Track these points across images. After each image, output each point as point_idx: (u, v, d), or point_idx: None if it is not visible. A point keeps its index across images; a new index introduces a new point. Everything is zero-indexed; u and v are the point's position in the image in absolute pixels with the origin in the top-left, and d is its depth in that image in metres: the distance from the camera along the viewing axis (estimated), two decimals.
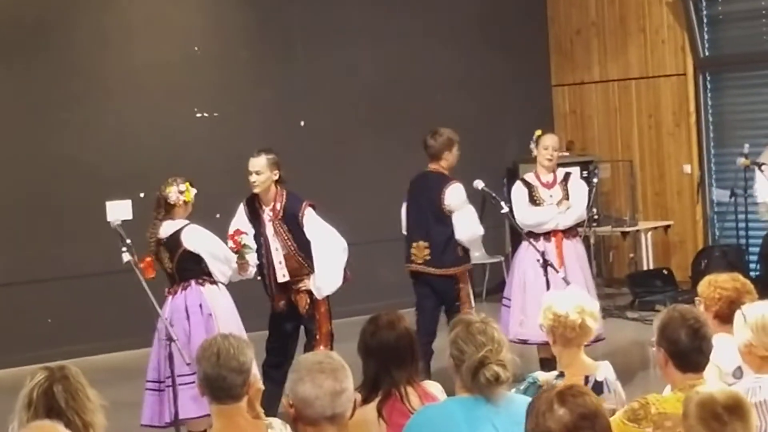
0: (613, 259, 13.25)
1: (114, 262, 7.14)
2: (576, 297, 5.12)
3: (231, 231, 7.85)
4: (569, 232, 8.78)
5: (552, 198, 8.75)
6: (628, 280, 12.26)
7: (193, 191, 7.60)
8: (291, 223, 7.89)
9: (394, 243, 12.30)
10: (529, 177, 8.94)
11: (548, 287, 7.40)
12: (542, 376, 5.00)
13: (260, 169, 7.80)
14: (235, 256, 7.60)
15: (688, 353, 4.38)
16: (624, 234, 12.42)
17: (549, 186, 8.81)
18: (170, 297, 7.36)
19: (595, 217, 11.98)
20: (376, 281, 12.08)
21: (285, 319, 8.08)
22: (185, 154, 11.45)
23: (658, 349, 4.44)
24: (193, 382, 6.69)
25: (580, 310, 4.99)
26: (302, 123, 12.16)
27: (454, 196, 8.58)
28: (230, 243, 7.70)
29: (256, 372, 4.40)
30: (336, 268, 7.94)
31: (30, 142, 10.78)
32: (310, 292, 7.93)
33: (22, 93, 10.82)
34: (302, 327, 8.10)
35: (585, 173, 13.01)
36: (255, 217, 8.03)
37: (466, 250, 8.71)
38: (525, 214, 8.68)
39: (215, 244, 7.51)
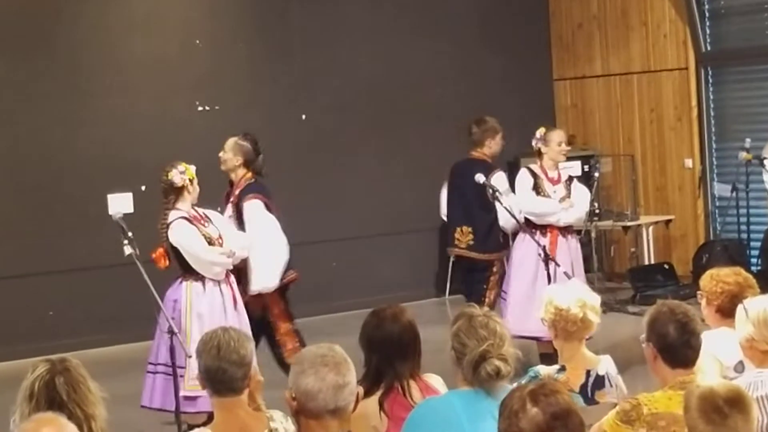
0: (614, 254, 13.24)
1: (115, 254, 7.14)
2: (577, 291, 5.12)
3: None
4: (566, 228, 8.80)
5: (556, 194, 8.75)
6: (629, 275, 12.25)
7: (193, 168, 7.64)
8: (239, 211, 7.83)
9: (396, 236, 12.36)
10: (535, 168, 8.93)
11: (549, 281, 7.40)
12: (544, 370, 5.01)
13: (226, 149, 8.00)
14: (220, 258, 7.45)
15: (677, 348, 4.37)
16: (625, 228, 12.41)
17: (554, 182, 8.81)
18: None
19: (597, 211, 11.98)
20: (376, 275, 12.09)
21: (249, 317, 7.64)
22: (186, 147, 11.41)
23: (648, 344, 4.43)
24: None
25: (582, 303, 4.98)
26: (303, 117, 12.15)
27: (498, 184, 8.65)
28: None
29: (256, 365, 4.40)
30: (270, 265, 7.65)
31: (31, 135, 10.77)
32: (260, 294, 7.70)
33: (22, 85, 10.81)
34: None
35: (586, 167, 13.00)
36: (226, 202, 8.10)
37: (506, 236, 8.77)
38: (533, 202, 8.68)
39: (195, 245, 7.37)
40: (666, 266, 12.29)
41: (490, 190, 8.35)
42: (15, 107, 10.74)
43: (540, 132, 8.87)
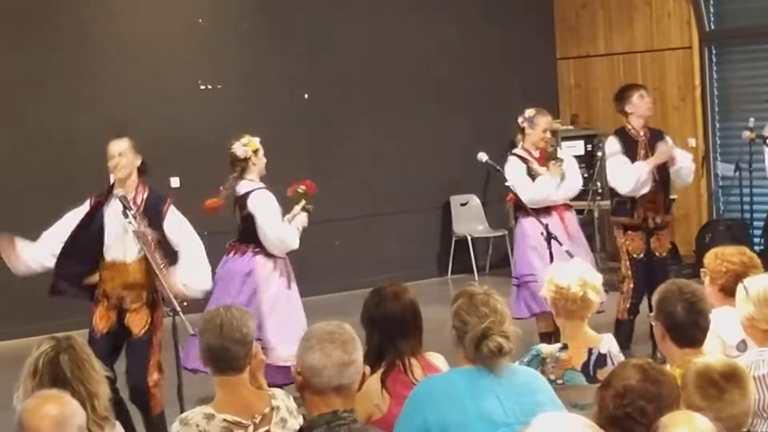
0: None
1: None
2: (579, 269, 5.11)
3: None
4: (566, 205, 8.84)
5: (544, 175, 8.72)
6: None
7: (256, 140, 7.76)
8: (153, 217, 7.02)
9: (398, 215, 12.36)
10: (522, 152, 8.83)
11: (551, 260, 7.39)
12: (546, 349, 5.01)
13: (123, 151, 7.04)
14: (289, 236, 7.59)
15: (684, 327, 4.37)
16: None
17: (540, 162, 8.75)
18: (232, 253, 7.76)
19: (599, 191, 11.96)
20: (379, 254, 12.10)
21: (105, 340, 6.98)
22: (189, 125, 11.45)
23: (656, 323, 4.45)
24: None
25: (582, 282, 4.98)
26: (306, 96, 12.13)
27: (604, 147, 8.95)
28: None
29: (257, 343, 4.41)
30: (206, 266, 7.27)
31: (33, 112, 10.76)
32: (152, 308, 7.00)
33: (25, 63, 10.80)
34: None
35: (589, 147, 13.00)
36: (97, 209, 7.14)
37: (620, 203, 8.86)
38: (532, 191, 8.60)
39: (275, 217, 7.63)
40: (669, 245, 12.27)
41: (494, 170, 8.36)
42: (18, 85, 10.73)
43: (529, 112, 8.80)
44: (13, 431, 3.29)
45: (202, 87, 11.68)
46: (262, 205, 7.69)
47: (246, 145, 7.71)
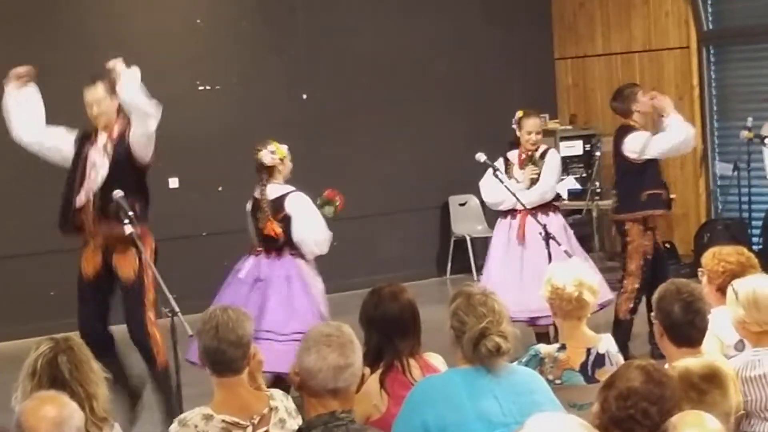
0: (615, 233, 13.23)
1: None
2: (576, 270, 5.12)
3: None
4: (542, 208, 8.57)
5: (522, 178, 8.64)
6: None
7: (284, 147, 7.73)
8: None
9: (397, 215, 12.36)
10: (512, 155, 8.80)
11: (550, 260, 7.40)
12: (544, 349, 5.02)
13: (99, 99, 7.33)
14: (326, 240, 7.68)
15: (681, 326, 4.40)
16: None
17: (521, 165, 8.71)
18: (258, 256, 7.73)
19: (598, 190, 11.97)
20: (378, 254, 12.10)
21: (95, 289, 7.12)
22: (187, 126, 11.44)
23: (655, 321, 4.47)
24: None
25: (578, 283, 4.99)
26: (304, 96, 12.13)
27: (635, 142, 8.68)
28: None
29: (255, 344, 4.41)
30: None
31: None
32: (137, 248, 6.89)
33: (23, 61, 10.71)
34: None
35: (588, 147, 13.01)
36: (82, 145, 7.40)
37: (653, 197, 8.77)
38: (489, 192, 8.64)
39: (316, 217, 7.66)
40: (667, 245, 12.29)
41: (491, 169, 8.37)
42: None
43: (518, 114, 8.76)
44: None
45: (201, 87, 11.67)
46: (302, 207, 7.66)
47: (273, 153, 7.67)
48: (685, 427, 3.00)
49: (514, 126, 8.79)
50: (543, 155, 8.71)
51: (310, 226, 7.65)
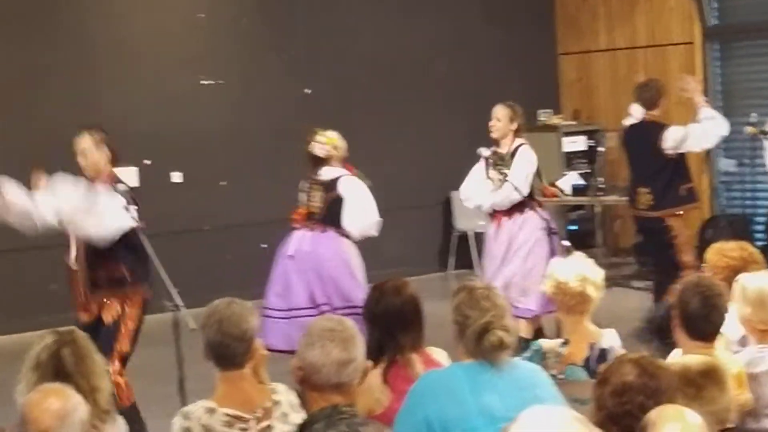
0: (618, 229, 13.24)
1: None
2: (579, 265, 5.12)
3: None
4: (518, 207, 8.33)
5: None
6: (634, 250, 12.25)
7: (333, 134, 7.86)
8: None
9: (399, 211, 12.34)
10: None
11: (552, 255, 7.39)
12: (547, 344, 5.02)
13: (85, 149, 7.08)
14: (376, 223, 7.86)
15: (695, 319, 4.43)
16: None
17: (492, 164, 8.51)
18: (304, 231, 7.80)
19: (601, 186, 11.96)
20: (380, 250, 12.09)
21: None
22: (190, 121, 11.46)
23: (674, 312, 4.50)
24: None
25: (582, 278, 4.99)
26: (307, 91, 12.13)
27: (674, 136, 8.74)
28: None
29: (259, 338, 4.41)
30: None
31: (32, 110, 10.76)
32: (123, 299, 6.98)
33: (25, 58, 10.80)
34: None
35: (591, 142, 13.00)
36: None
37: (690, 190, 8.83)
38: (462, 191, 8.62)
39: (366, 199, 7.78)
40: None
41: (495, 165, 8.34)
42: (18, 81, 10.73)
43: None
44: (14, 424, 3.29)
45: (203, 82, 11.68)
46: (354, 189, 7.78)
47: (324, 144, 7.80)
48: (665, 421, 2.98)
49: None
50: (514, 153, 8.37)
51: (363, 208, 7.77)
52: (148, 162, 10.96)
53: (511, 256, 8.28)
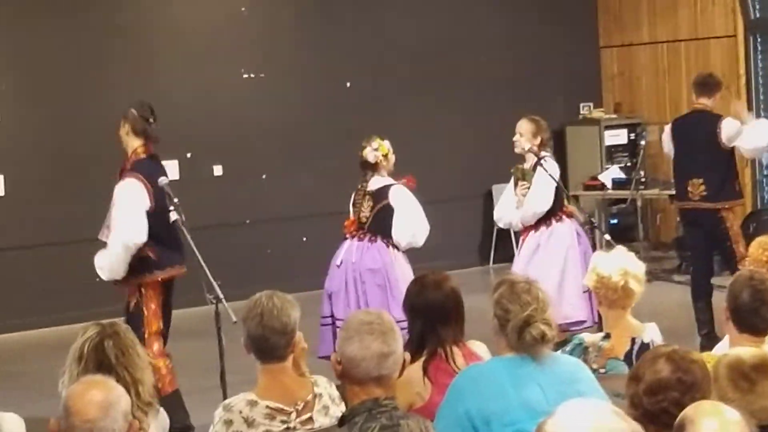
0: (660, 223, 13.17)
1: None
2: (621, 259, 5.10)
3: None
4: (545, 220, 8.01)
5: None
6: (675, 244, 12.19)
7: (387, 143, 7.79)
8: None
9: (440, 204, 12.32)
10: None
11: (594, 249, 7.36)
12: (588, 338, 5.00)
13: (121, 136, 7.31)
14: (425, 233, 7.81)
15: (744, 312, 4.46)
16: (671, 197, 12.30)
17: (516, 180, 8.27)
18: (353, 240, 7.78)
19: (643, 180, 11.91)
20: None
21: None
22: (232, 114, 11.50)
23: (726, 303, 4.55)
24: None
25: (624, 272, 4.97)
26: (348, 84, 12.14)
27: (729, 127, 8.70)
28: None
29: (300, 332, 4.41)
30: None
31: (74, 102, 10.83)
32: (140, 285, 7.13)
33: (67, 53, 10.87)
34: None
35: (632, 136, 12.94)
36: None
37: (739, 186, 8.88)
38: (497, 210, 8.37)
39: (416, 210, 7.74)
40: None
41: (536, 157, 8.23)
42: (57, 73, 10.81)
43: None
44: (59, 416, 3.32)
45: (246, 76, 11.71)
46: (405, 200, 7.73)
47: (377, 150, 7.74)
48: (702, 417, 2.94)
49: None
50: (536, 167, 8.01)
51: (413, 218, 7.73)
52: (189, 155, 11.00)
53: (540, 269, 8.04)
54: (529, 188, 7.93)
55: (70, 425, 3.27)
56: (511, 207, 8.09)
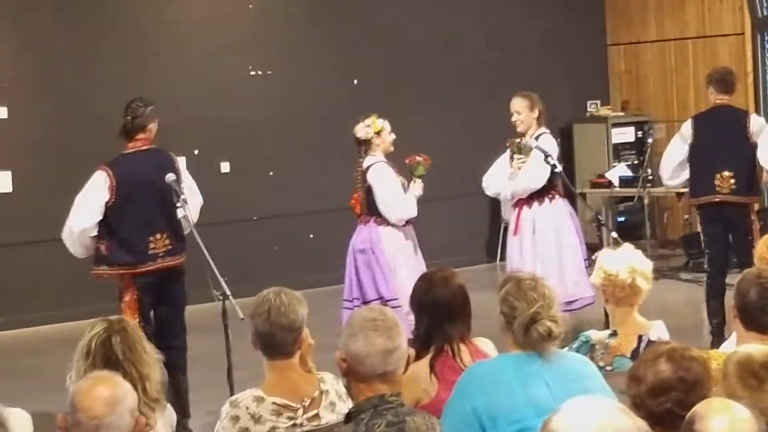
0: (667, 221, 13.16)
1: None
2: (628, 256, 5.09)
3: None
4: (538, 196, 8.38)
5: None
6: (683, 242, 12.18)
7: (380, 122, 7.93)
8: None
9: (447, 201, 12.35)
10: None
11: (601, 246, 7.37)
12: (595, 335, 5.00)
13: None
14: (399, 207, 7.85)
15: (752, 310, 4.46)
16: (679, 195, 12.27)
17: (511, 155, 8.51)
18: (360, 225, 7.97)
19: (650, 177, 11.89)
20: (427, 240, 12.08)
21: None
22: (239, 111, 11.50)
23: (733, 301, 4.55)
24: None
25: (631, 269, 4.95)
26: (355, 82, 12.14)
27: (757, 123, 8.71)
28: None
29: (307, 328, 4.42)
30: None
31: (81, 99, 10.83)
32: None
33: (73, 49, 10.88)
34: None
35: (640, 133, 12.92)
36: None
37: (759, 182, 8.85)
38: (486, 180, 8.56)
39: (392, 187, 7.82)
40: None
41: (545, 155, 8.27)
42: (64, 68, 10.81)
43: None
44: (66, 412, 3.33)
45: (252, 73, 11.72)
46: (379, 177, 7.83)
47: (368, 127, 7.87)
48: (713, 415, 2.94)
49: None
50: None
51: (384, 195, 7.83)
52: (196, 152, 11.01)
53: (537, 249, 8.30)
54: (524, 162, 8.18)
55: (76, 421, 3.28)
56: (502, 177, 8.33)
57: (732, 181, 8.72)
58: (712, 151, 8.78)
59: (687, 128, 8.91)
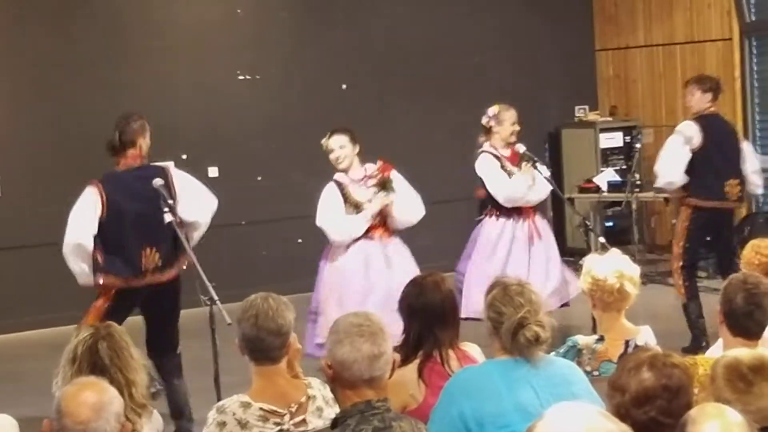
0: (655, 225, 13.18)
1: None
2: (616, 261, 5.09)
3: None
4: (537, 208, 8.69)
5: (518, 173, 8.44)
6: (670, 247, 12.18)
7: (324, 140, 8.18)
8: None
9: (436, 205, 12.32)
10: (492, 149, 8.57)
11: (589, 251, 7.37)
12: (582, 340, 5.00)
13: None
14: (326, 229, 7.96)
15: (739, 316, 4.46)
16: (666, 200, 12.30)
17: (512, 160, 8.48)
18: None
19: (638, 183, 11.91)
20: (416, 244, 12.08)
21: None
22: (227, 116, 11.49)
23: (719, 307, 4.55)
24: None
25: (619, 274, 4.96)
26: (344, 86, 12.14)
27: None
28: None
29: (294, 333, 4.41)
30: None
31: (70, 103, 10.82)
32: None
33: (63, 53, 10.87)
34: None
35: (628, 138, 12.94)
36: None
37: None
38: (510, 188, 8.41)
39: (323, 209, 8.02)
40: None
41: (531, 160, 8.31)
42: (53, 72, 10.80)
43: (492, 110, 8.51)
44: (52, 417, 3.32)
45: (241, 77, 11.71)
46: (322, 197, 8.00)
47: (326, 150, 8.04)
48: (705, 419, 2.95)
49: (490, 122, 8.52)
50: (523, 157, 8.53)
51: (319, 216, 8.05)
52: (184, 156, 10.99)
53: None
54: (535, 167, 8.27)
55: (62, 426, 3.27)
56: (526, 186, 8.38)
57: (738, 188, 8.85)
58: (722, 158, 8.85)
59: (692, 131, 8.86)
